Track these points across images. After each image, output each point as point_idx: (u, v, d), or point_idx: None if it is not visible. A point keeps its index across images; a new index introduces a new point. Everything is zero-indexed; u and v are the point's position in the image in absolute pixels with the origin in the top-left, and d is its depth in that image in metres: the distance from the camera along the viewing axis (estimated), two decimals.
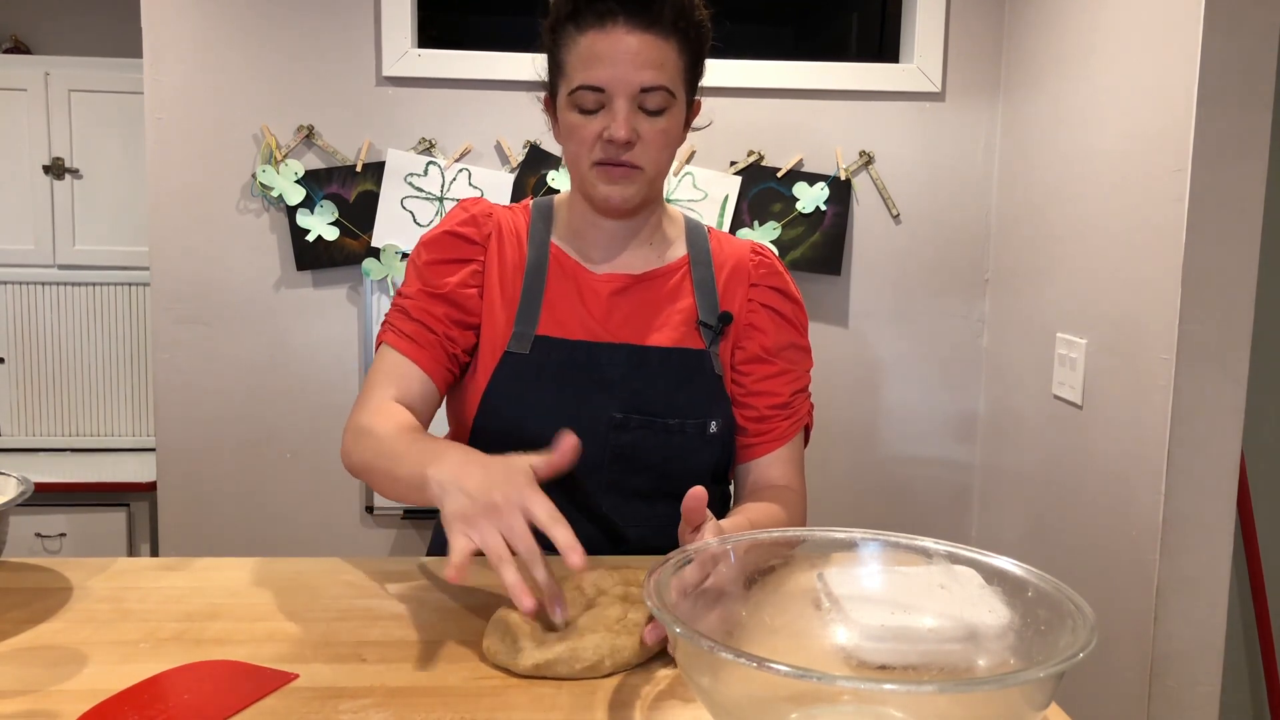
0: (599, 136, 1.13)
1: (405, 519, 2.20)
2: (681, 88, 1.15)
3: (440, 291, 1.20)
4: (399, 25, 2.07)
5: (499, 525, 0.86)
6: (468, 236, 1.23)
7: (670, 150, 1.17)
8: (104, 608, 0.99)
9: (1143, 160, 1.58)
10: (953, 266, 2.19)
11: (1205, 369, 1.47)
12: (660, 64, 1.11)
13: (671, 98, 1.13)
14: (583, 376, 1.18)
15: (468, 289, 1.21)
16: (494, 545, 0.85)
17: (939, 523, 2.25)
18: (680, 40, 1.13)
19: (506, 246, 1.23)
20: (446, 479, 0.92)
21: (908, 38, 2.16)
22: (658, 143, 1.14)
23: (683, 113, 1.18)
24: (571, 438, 0.94)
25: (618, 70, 1.10)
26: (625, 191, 1.16)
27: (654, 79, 1.11)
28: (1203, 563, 1.50)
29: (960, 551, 0.84)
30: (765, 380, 1.25)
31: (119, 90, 2.74)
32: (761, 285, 1.26)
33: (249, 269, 2.12)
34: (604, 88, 1.11)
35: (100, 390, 2.90)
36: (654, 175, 1.17)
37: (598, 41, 1.10)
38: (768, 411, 1.25)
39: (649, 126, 1.13)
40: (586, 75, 1.11)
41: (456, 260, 1.22)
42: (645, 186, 1.17)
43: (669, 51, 1.12)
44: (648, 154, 1.14)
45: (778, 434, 1.25)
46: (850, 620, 0.82)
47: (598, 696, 0.83)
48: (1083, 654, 0.64)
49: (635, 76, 1.10)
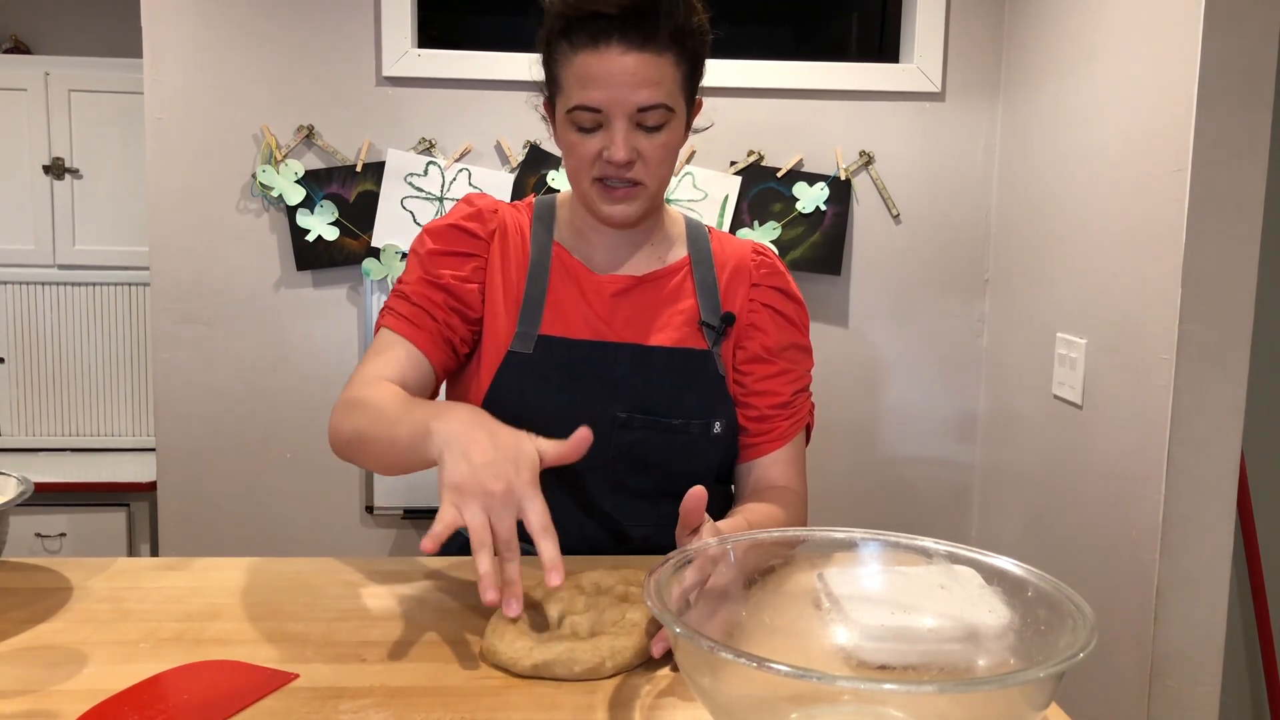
0: (598, 156, 1.12)
1: (405, 519, 2.20)
2: (680, 98, 1.14)
3: (441, 282, 1.20)
4: (399, 25, 2.07)
5: (490, 510, 0.86)
6: (472, 231, 1.22)
7: (671, 162, 1.17)
8: (104, 608, 0.99)
9: (1143, 160, 1.58)
10: (953, 266, 2.19)
11: (1205, 369, 1.47)
12: (658, 81, 1.09)
13: (670, 113, 1.12)
14: (586, 376, 1.18)
15: (469, 284, 1.21)
16: (478, 527, 0.85)
17: (939, 523, 2.25)
18: (678, 51, 1.11)
19: (510, 245, 1.23)
20: (452, 437, 0.90)
21: (908, 38, 2.16)
22: (658, 157, 1.13)
23: (683, 122, 1.17)
24: (586, 431, 0.93)
25: (614, 92, 1.08)
26: (628, 210, 1.16)
27: (651, 97, 1.09)
28: (1203, 563, 1.50)
29: (960, 551, 0.84)
30: (766, 380, 1.25)
31: (119, 90, 2.74)
32: (763, 285, 1.26)
33: (249, 269, 2.12)
34: (601, 108, 1.09)
35: (100, 390, 2.90)
36: (656, 190, 1.17)
37: (592, 62, 1.08)
38: (769, 411, 1.25)
39: (648, 143, 1.12)
40: (583, 96, 1.09)
41: (460, 254, 1.21)
42: (648, 201, 1.17)
43: (666, 67, 1.10)
44: (648, 170, 1.13)
45: (778, 434, 1.25)
46: (850, 620, 0.82)
47: (598, 696, 0.83)
48: (1083, 654, 0.64)
49: (632, 97, 1.08)
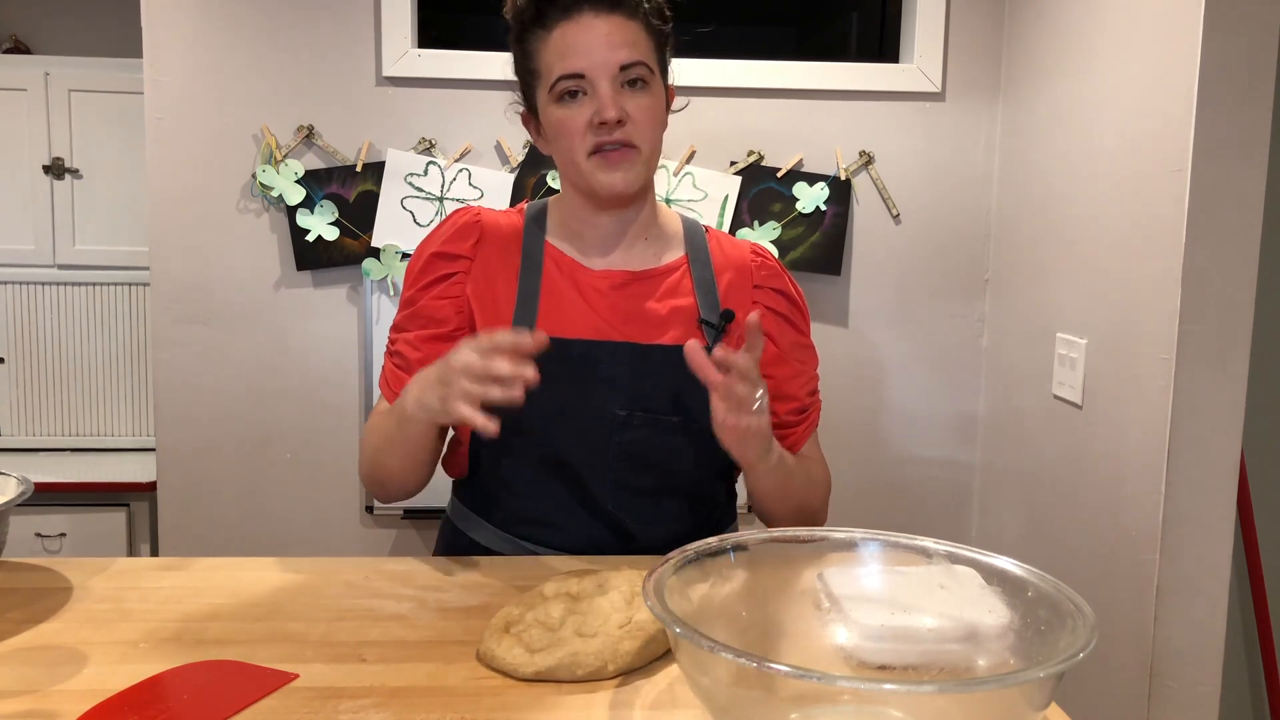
0: (589, 124, 1.14)
1: (405, 519, 2.20)
2: (656, 67, 1.17)
3: (431, 329, 1.23)
4: (399, 25, 2.07)
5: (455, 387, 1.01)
6: (452, 253, 1.24)
7: (659, 128, 1.19)
8: (104, 608, 0.99)
9: (1143, 160, 1.58)
10: (953, 266, 2.19)
11: (1205, 369, 1.47)
12: (634, 42, 1.13)
13: (650, 73, 1.15)
14: (585, 374, 1.19)
15: (460, 312, 1.23)
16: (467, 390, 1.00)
17: (939, 523, 2.25)
18: (645, 23, 1.15)
19: (499, 248, 1.24)
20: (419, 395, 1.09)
21: (908, 38, 2.16)
22: (646, 119, 1.15)
23: (663, 91, 1.20)
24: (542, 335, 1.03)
25: (594, 54, 1.12)
26: (627, 175, 1.17)
27: (630, 55, 1.13)
28: (1203, 563, 1.50)
29: (960, 551, 0.84)
30: (782, 384, 1.26)
31: (119, 90, 2.74)
32: (765, 287, 1.27)
33: (249, 269, 2.12)
34: (584, 73, 1.13)
35: (100, 390, 2.90)
36: (649, 154, 1.18)
37: (569, 32, 1.13)
38: (787, 418, 1.26)
39: (635, 103, 1.14)
40: (564, 65, 1.13)
41: (444, 277, 1.24)
42: (643, 167, 1.18)
43: (639, 31, 1.14)
44: (639, 131, 1.15)
45: (793, 440, 1.27)
46: (850, 620, 0.82)
47: (598, 697, 0.83)
48: (1083, 654, 0.64)
49: (612, 56, 1.12)
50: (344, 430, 2.16)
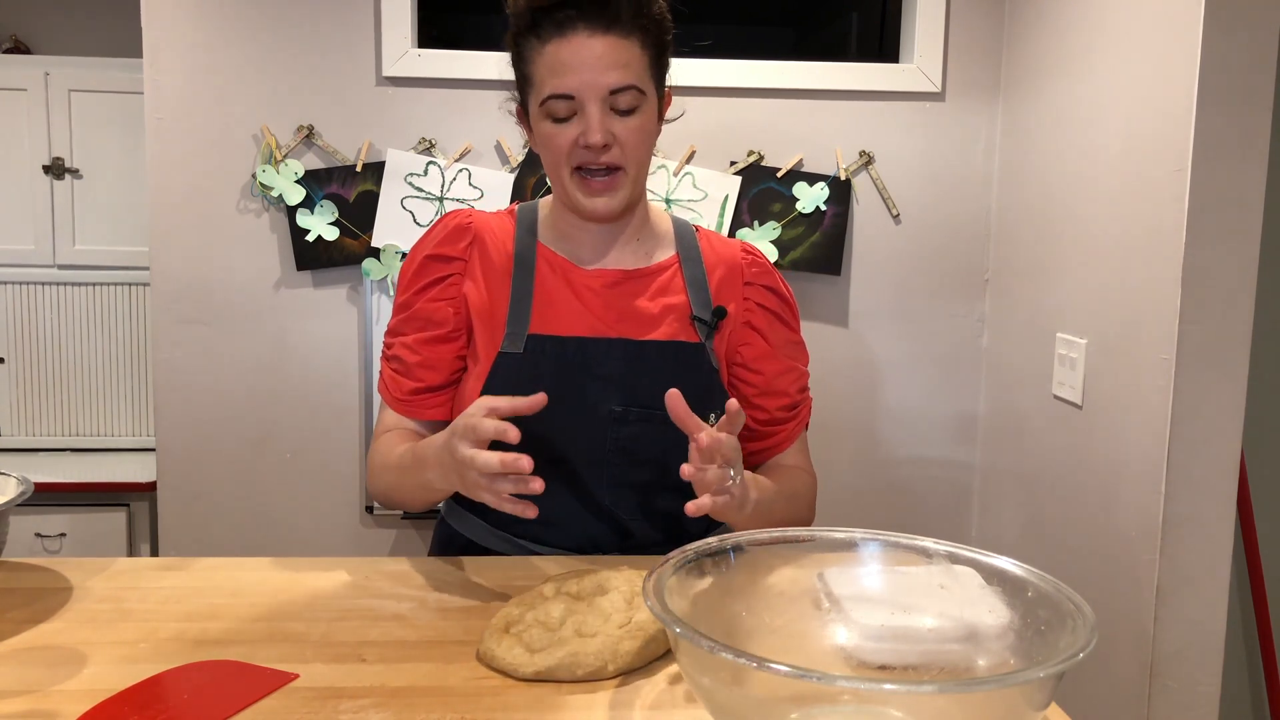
0: (575, 143, 1.14)
1: (405, 519, 2.20)
2: (650, 83, 1.16)
3: (430, 331, 1.23)
4: (399, 25, 2.07)
5: (468, 477, 1.00)
6: (445, 255, 1.24)
7: (647, 147, 1.18)
8: (104, 608, 0.99)
9: (1143, 160, 1.58)
10: (953, 266, 2.19)
11: (1205, 369, 1.47)
12: (626, 63, 1.12)
13: (641, 95, 1.14)
14: (579, 372, 1.19)
15: (458, 313, 1.23)
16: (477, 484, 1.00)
17: (939, 523, 2.25)
18: (641, 36, 1.14)
19: (491, 249, 1.25)
20: (439, 476, 1.08)
21: (908, 38, 2.16)
22: (634, 141, 1.15)
23: (655, 108, 1.19)
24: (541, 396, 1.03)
25: (584, 75, 1.11)
26: (610, 202, 1.17)
27: (621, 79, 1.12)
28: (1203, 563, 1.50)
29: (960, 551, 0.84)
30: (773, 380, 1.27)
31: (119, 90, 2.74)
32: (756, 285, 1.28)
33: (249, 269, 2.12)
34: (573, 94, 1.12)
35: (100, 390, 2.90)
36: (636, 174, 1.18)
37: (561, 49, 1.11)
38: (778, 414, 1.27)
39: (623, 126, 1.14)
40: (555, 84, 1.12)
41: (439, 280, 1.24)
42: (629, 188, 1.18)
43: (632, 50, 1.13)
44: (626, 154, 1.15)
45: (785, 435, 1.28)
46: (850, 620, 0.82)
47: (598, 696, 0.83)
48: (1083, 654, 0.64)
49: (603, 79, 1.11)
50: (344, 430, 2.16)
